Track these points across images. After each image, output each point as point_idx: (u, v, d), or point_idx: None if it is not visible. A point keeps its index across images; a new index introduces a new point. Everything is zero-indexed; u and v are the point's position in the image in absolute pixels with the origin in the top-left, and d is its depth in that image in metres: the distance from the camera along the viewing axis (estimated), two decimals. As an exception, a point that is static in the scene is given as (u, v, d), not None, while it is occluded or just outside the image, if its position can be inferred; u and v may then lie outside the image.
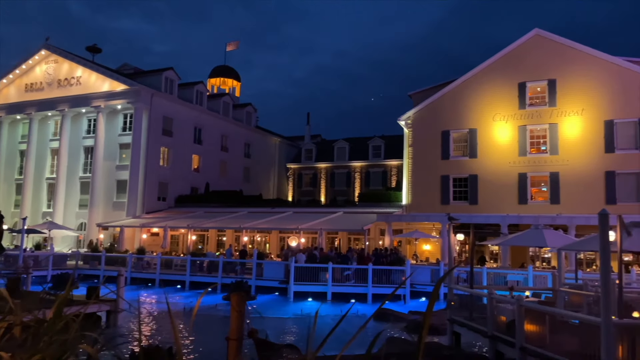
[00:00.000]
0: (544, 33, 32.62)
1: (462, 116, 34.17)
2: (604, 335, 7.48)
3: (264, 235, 39.20)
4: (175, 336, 2.20)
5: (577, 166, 30.77)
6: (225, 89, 56.16)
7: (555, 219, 27.33)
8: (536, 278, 23.77)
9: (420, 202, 34.43)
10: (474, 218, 30.41)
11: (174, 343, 2.31)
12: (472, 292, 13.90)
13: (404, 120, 35.93)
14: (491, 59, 33.93)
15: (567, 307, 13.90)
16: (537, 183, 32.21)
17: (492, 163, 32.96)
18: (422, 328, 1.54)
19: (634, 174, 29.59)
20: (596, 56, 31.15)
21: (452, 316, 13.78)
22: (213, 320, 16.95)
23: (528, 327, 10.40)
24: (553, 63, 31.90)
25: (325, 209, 38.37)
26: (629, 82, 30.13)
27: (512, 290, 13.09)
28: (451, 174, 34.07)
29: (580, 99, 31.14)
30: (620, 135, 30.15)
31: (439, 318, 17.18)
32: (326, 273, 24.35)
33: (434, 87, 36.28)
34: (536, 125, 32.16)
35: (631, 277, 22.76)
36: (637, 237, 9.94)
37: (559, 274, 15.42)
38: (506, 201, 32.00)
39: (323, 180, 50.17)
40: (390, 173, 47.17)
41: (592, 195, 29.78)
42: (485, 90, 33.66)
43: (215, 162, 47.79)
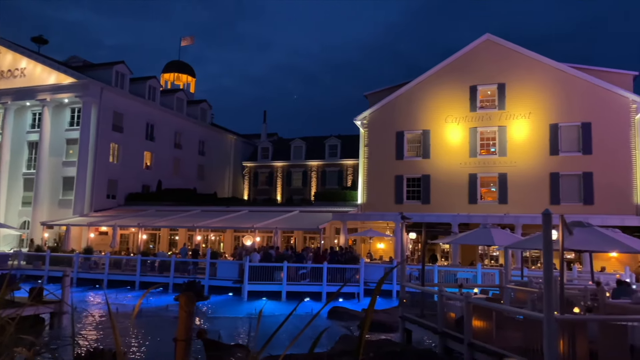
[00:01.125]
0: (494, 38, 33.72)
1: (416, 117, 34.85)
2: (546, 330, 7.78)
3: (218, 234, 38.64)
4: (116, 338, 2.10)
5: (524, 167, 31.99)
6: (179, 84, 54.93)
7: (503, 219, 28.32)
8: (485, 275, 24.54)
9: (375, 201, 34.87)
10: (426, 217, 31.10)
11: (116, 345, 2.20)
12: (424, 290, 14.18)
13: (360, 121, 36.29)
14: (444, 62, 34.77)
15: (513, 304, 14.40)
16: (487, 183, 33.29)
17: (444, 164, 33.79)
18: (364, 326, 1.51)
19: (576, 176, 31.06)
20: (543, 62, 32.48)
21: (404, 313, 14.01)
22: (164, 321, 16.54)
23: (476, 323, 10.70)
24: (503, 67, 33.04)
25: (281, 207, 38.23)
26: (573, 87, 31.60)
27: (461, 288, 13.43)
28: (405, 174, 34.69)
29: (527, 102, 32.40)
30: (564, 139, 31.57)
31: (391, 316, 17.46)
32: (281, 272, 24.26)
33: (389, 88, 36.82)
34: (486, 128, 33.20)
35: (573, 274, 23.87)
36: (578, 236, 10.41)
37: (506, 271, 15.98)
38: (457, 201, 32.88)
39: (279, 179, 49.97)
40: (346, 172, 47.53)
41: (538, 195, 31.05)
42: (439, 92, 34.46)
43: (168, 160, 46.68)
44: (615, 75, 31.81)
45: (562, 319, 8.30)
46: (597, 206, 29.89)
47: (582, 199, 30.63)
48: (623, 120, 30.45)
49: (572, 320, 8.72)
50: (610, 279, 20.79)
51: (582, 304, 10.94)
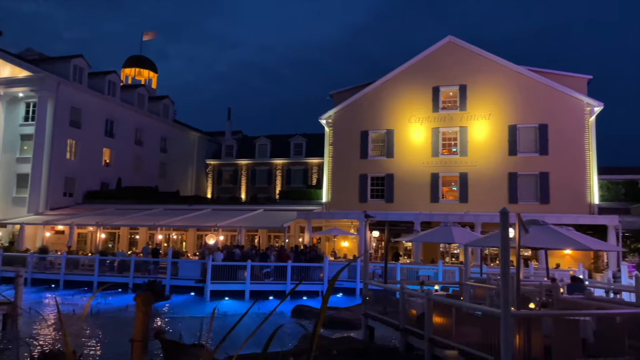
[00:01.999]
0: (457, 40, 34.41)
1: (380, 117, 35.20)
2: (503, 325, 7.99)
3: (181, 233, 37.99)
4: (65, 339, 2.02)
5: (483, 167, 32.80)
6: (140, 80, 53.62)
7: (464, 217, 28.95)
8: (445, 273, 25.03)
9: (340, 200, 35.04)
10: (389, 215, 31.47)
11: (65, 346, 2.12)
12: (386, 287, 14.34)
13: (325, 119, 36.37)
14: (408, 63, 35.25)
15: (473, 300, 14.74)
16: (448, 183, 33.96)
17: (408, 163, 34.27)
18: (317, 322, 1.50)
19: (533, 176, 32.06)
20: (503, 65, 33.37)
21: (367, 311, 14.12)
22: (122, 322, 16.13)
23: (436, 319, 10.90)
24: (464, 69, 33.75)
25: (246, 206, 37.91)
26: (531, 90, 32.60)
27: (422, 285, 13.66)
28: (369, 173, 35.00)
29: (487, 104, 33.22)
30: (522, 140, 32.53)
31: (355, 313, 17.59)
32: (245, 271, 24.06)
33: (354, 88, 37.05)
34: (448, 128, 33.86)
35: (529, 271, 24.66)
36: (534, 234, 10.73)
37: (466, 268, 16.34)
38: (420, 199, 33.41)
39: (244, 177, 49.55)
40: (311, 171, 47.57)
41: (497, 194, 31.90)
42: (403, 92, 34.91)
43: (128, 157, 45.53)
44: (571, 79, 33.00)
45: (518, 315, 8.54)
46: (552, 205, 30.95)
47: (539, 198, 31.65)
48: (578, 122, 31.62)
49: (527, 315, 8.99)
50: (565, 275, 21.57)
51: (537, 299, 11.30)
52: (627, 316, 9.49)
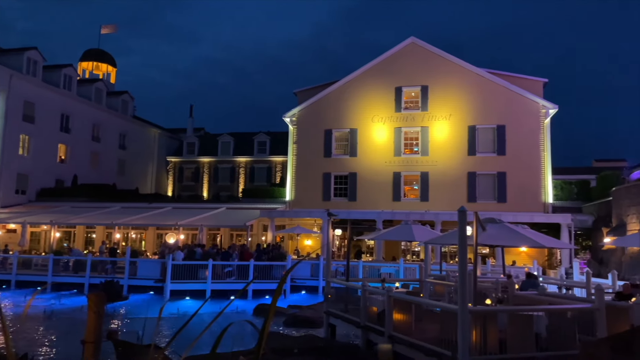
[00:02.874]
0: (419, 42, 34.95)
1: (344, 116, 35.38)
2: (460, 321, 8.16)
3: (140, 232, 37.11)
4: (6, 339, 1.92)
5: (444, 167, 33.47)
6: (98, 74, 51.96)
7: (424, 215, 29.49)
8: (406, 270, 25.43)
9: (303, 198, 35.03)
10: (352, 214, 31.65)
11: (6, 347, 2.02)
12: (348, 285, 14.43)
13: (289, 118, 36.28)
14: (371, 63, 35.56)
15: (432, 297, 15.04)
16: (410, 182, 34.48)
17: (371, 162, 34.59)
18: (267, 319, 1.47)
19: (491, 175, 32.94)
20: (463, 66, 34.12)
21: (329, 309, 14.17)
22: (76, 323, 15.60)
23: (396, 316, 11.04)
24: (426, 70, 34.33)
25: (208, 204, 37.38)
26: (490, 91, 33.47)
27: (383, 282, 13.80)
28: (333, 172, 35.14)
29: (448, 105, 33.90)
30: (481, 140, 33.37)
31: (317, 311, 17.62)
32: (206, 270, 23.72)
33: (318, 87, 37.09)
34: (410, 128, 34.37)
35: (487, 268, 25.33)
36: (490, 232, 11.02)
37: (426, 266, 16.64)
38: (382, 198, 33.79)
39: (206, 175, 48.82)
40: (275, 169, 47.34)
41: (457, 193, 32.61)
42: (366, 92, 35.20)
43: (85, 153, 44.09)
44: (528, 82, 34.07)
45: (475, 311, 8.75)
46: (509, 204, 31.89)
47: (496, 197, 32.54)
48: (534, 123, 32.68)
49: (483, 311, 9.22)
50: (520, 272, 22.26)
51: (493, 295, 11.61)
52: (578, 311, 9.88)
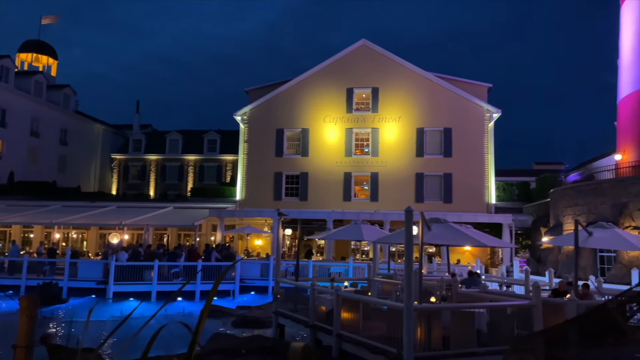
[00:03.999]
0: (369, 44, 35.44)
1: (296, 116, 35.36)
2: (405, 319, 8.31)
3: (82, 231, 35.61)
4: None
5: (393, 168, 34.11)
6: (38, 66, 49.42)
7: (374, 215, 29.93)
8: (356, 269, 25.71)
9: (254, 197, 34.73)
10: (303, 214, 31.68)
11: None
12: (298, 285, 14.41)
13: (240, 116, 35.86)
14: (323, 63, 35.74)
15: (380, 295, 15.26)
16: (360, 182, 34.90)
17: (322, 162, 34.76)
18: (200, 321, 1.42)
19: (438, 176, 33.87)
20: (412, 70, 34.89)
21: (278, 309, 14.11)
22: (10, 327, 14.75)
23: (345, 315, 11.12)
24: (377, 72, 34.86)
25: (154, 203, 36.34)
26: (438, 95, 34.40)
27: (332, 281, 13.88)
28: (284, 171, 35.04)
29: (397, 107, 34.57)
30: (428, 142, 34.24)
31: (266, 312, 17.51)
32: (151, 271, 23.04)
33: (270, 85, 36.88)
34: (361, 129, 34.80)
35: (433, 266, 25.99)
36: (436, 231, 11.30)
37: (374, 265, 16.89)
38: (333, 198, 34.02)
39: (153, 173, 47.45)
40: (225, 168, 46.66)
41: (405, 193, 33.30)
42: (318, 92, 35.33)
43: (22, 149, 41.81)
44: (473, 86, 35.27)
45: (420, 308, 8.94)
46: (455, 204, 32.90)
47: (443, 198, 33.49)
48: (478, 127, 33.86)
49: (428, 308, 9.44)
50: (464, 270, 22.97)
51: (438, 293, 11.92)
52: (516, 307, 10.30)
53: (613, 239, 12.04)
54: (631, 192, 21.38)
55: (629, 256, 20.43)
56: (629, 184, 21.81)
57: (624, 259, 20.80)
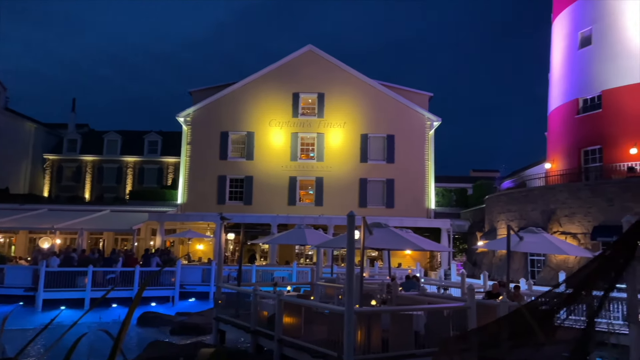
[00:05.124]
0: (316, 50, 35.72)
1: (241, 119, 35.00)
2: (346, 322, 8.41)
3: (9, 235, 33.46)
4: None
5: (338, 173, 34.47)
6: (-37, 58, 46.16)
7: (318, 219, 30.08)
8: (300, 273, 25.72)
9: (196, 201, 34.00)
10: (247, 218, 31.44)
11: None
12: (239, 290, 14.23)
13: (183, 117, 35.06)
14: (270, 67, 35.64)
15: (323, 299, 15.34)
16: (305, 186, 35.01)
17: (267, 166, 34.58)
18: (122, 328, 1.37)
19: (381, 182, 34.56)
20: (357, 77, 35.46)
21: (218, 315, 13.86)
22: None
23: (287, 319, 11.09)
24: (322, 78, 35.17)
25: (90, 206, 34.77)
26: (382, 102, 35.14)
27: (275, 286, 13.82)
28: (228, 175, 34.55)
29: (343, 113, 35.01)
30: (372, 148, 34.89)
31: (206, 318, 17.15)
32: (85, 277, 22.01)
33: (215, 87, 36.32)
34: (306, 134, 34.95)
35: (374, 270, 26.46)
36: (377, 236, 11.52)
37: (317, 269, 16.97)
38: (277, 202, 33.90)
39: (89, 175, 45.38)
40: (166, 170, 45.37)
41: (349, 198, 33.72)
42: (264, 96, 35.17)
43: (-56, 147, 38.84)
44: (416, 95, 36.32)
45: (360, 312, 9.07)
46: (397, 209, 33.67)
47: (385, 203, 34.19)
48: (420, 134, 34.88)
49: (368, 312, 9.60)
50: (405, 273, 23.53)
51: (378, 297, 12.13)
52: (453, 309, 10.65)
53: (542, 243, 12.73)
54: (559, 199, 22.71)
55: (557, 260, 21.67)
56: (557, 191, 23.16)
57: (552, 262, 22.03)
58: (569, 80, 27.72)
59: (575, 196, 22.08)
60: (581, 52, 26.86)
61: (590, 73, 26.10)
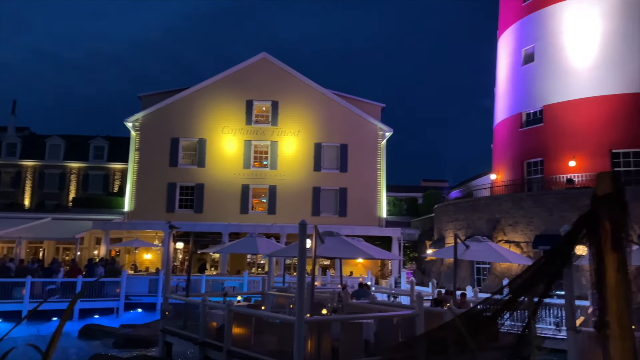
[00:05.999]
0: (270, 58, 35.67)
1: (193, 125, 34.37)
2: (296, 332, 8.35)
3: (-62, 244, 31.31)
4: None
5: (291, 181, 34.42)
6: None
7: (271, 228, 29.87)
8: (251, 283, 25.39)
9: (145, 209, 32.99)
10: (198, 226, 30.76)
11: None
12: (188, 301, 13.87)
13: (132, 123, 34.04)
14: (223, 73, 35.26)
15: (274, 309, 15.19)
16: (258, 194, 34.73)
17: (219, 173, 34.07)
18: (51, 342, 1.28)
19: (334, 190, 34.78)
20: (311, 86, 35.65)
21: (165, 326, 13.45)
22: None
23: (236, 330, 10.89)
24: (277, 86, 35.13)
25: (29, 214, 33.11)
26: (335, 112, 35.45)
27: (225, 296, 13.55)
28: (178, 182, 33.78)
29: (297, 121, 35.07)
30: (325, 157, 35.09)
31: (153, 330, 16.60)
32: (23, 288, 20.84)
33: (166, 92, 35.53)
34: (260, 141, 34.74)
35: (327, 279, 26.49)
36: (329, 244, 11.54)
37: (269, 278, 16.80)
38: (230, 210, 33.42)
39: (29, 181, 43.19)
40: (113, 177, 43.86)
41: (302, 207, 33.70)
42: (217, 102, 34.71)
43: None
44: (369, 105, 36.89)
45: (310, 321, 9.03)
46: (349, 218, 33.95)
47: (338, 211, 34.42)
48: (372, 144, 35.41)
49: (319, 321, 9.57)
50: (356, 282, 23.68)
51: (329, 305, 12.14)
52: (401, 317, 10.80)
53: (487, 252, 13.16)
54: (503, 209, 23.60)
55: (501, 267, 22.46)
56: (501, 201, 24.06)
57: (496, 270, 22.81)
58: (513, 95, 28.97)
59: (519, 206, 23.00)
60: (524, 69, 28.16)
61: (533, 88, 27.38)
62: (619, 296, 1.72)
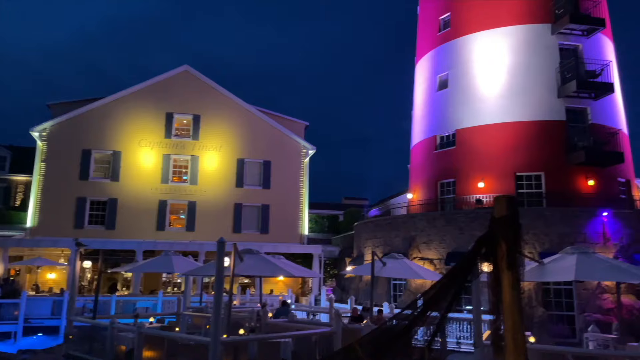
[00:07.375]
0: (192, 71, 34.94)
1: (107, 136, 32.68)
2: (211, 353, 8.06)
3: None
4: None
5: (212, 197, 33.63)
6: None
7: (189, 245, 28.92)
8: (166, 303, 24.31)
9: (50, 225, 30.65)
10: (109, 244, 29.15)
11: None
12: (94, 323, 12.98)
13: (39, 132, 31.73)
14: (142, 84, 33.99)
15: (190, 329, 14.63)
16: (176, 210, 33.54)
17: (134, 188, 32.55)
18: None
19: (256, 207, 34.43)
20: (235, 101, 35.31)
21: (68, 351, 12.48)
22: None
23: (148, 353, 10.35)
24: (199, 100, 34.40)
25: None
26: (258, 128, 35.30)
27: (137, 318, 12.85)
28: (89, 196, 31.84)
29: (219, 136, 34.48)
30: (248, 173, 34.73)
31: (55, 355, 15.37)
32: None
33: (78, 101, 33.56)
34: (180, 156, 33.71)
35: (246, 297, 26.01)
36: (248, 263, 11.34)
37: (185, 298, 16.19)
38: (145, 227, 31.96)
39: None
40: (15, 190, 40.43)
41: (223, 224, 32.98)
42: (134, 114, 33.32)
43: None
44: (293, 123, 37.14)
45: (226, 341, 8.77)
46: (271, 235, 33.70)
47: (260, 228, 34.06)
48: (295, 161, 35.60)
49: (235, 341, 9.33)
50: (276, 300, 23.48)
51: (247, 325, 11.89)
52: (319, 335, 10.81)
53: (402, 268, 13.58)
54: (418, 227, 24.56)
55: (416, 284, 23.26)
56: (417, 220, 25.04)
57: (411, 286, 23.59)
58: (428, 119, 30.48)
59: (432, 224, 24.05)
60: (439, 94, 29.78)
61: (447, 113, 28.99)
62: (513, 313, 1.81)
